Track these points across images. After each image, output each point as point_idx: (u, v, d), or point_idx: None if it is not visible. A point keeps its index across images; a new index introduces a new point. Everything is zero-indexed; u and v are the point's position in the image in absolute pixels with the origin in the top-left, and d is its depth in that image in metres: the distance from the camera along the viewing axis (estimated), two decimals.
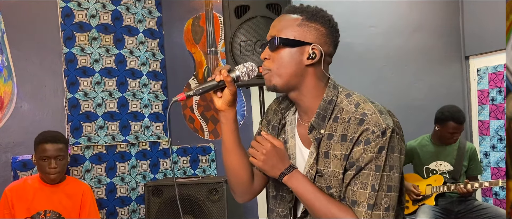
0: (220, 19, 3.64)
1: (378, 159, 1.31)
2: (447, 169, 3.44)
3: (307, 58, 1.39)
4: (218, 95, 1.47)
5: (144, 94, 3.50)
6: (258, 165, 1.42)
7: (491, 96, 3.96)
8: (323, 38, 1.41)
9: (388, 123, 1.33)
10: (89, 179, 3.29)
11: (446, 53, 4.17)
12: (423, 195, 3.43)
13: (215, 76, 1.44)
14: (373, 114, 1.34)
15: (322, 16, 1.42)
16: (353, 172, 1.34)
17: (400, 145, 1.36)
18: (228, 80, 1.42)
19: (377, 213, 1.32)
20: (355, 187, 1.34)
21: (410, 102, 4.02)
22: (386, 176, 1.32)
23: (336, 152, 1.37)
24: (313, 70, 1.41)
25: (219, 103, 1.48)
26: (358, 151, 1.32)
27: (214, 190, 2.92)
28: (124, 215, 3.40)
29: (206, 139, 3.64)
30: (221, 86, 1.44)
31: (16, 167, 3.05)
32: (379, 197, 1.32)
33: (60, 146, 2.74)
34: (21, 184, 2.79)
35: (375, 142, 1.31)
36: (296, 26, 1.40)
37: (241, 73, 1.45)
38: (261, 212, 3.62)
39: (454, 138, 3.39)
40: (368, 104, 1.37)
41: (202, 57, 3.66)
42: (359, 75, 3.91)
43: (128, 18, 3.46)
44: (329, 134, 1.39)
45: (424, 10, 4.13)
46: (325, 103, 1.41)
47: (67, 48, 3.26)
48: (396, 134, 1.34)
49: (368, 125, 1.32)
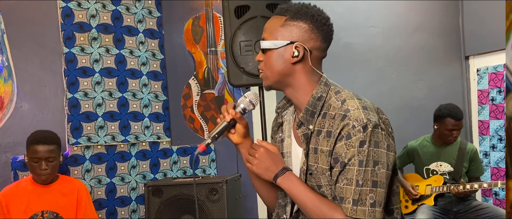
0: (220, 19, 3.64)
1: (361, 154, 1.32)
2: (448, 169, 3.44)
3: (291, 57, 1.42)
4: (231, 132, 1.53)
5: (144, 94, 3.50)
6: (252, 169, 1.48)
7: (491, 96, 3.96)
8: (306, 35, 1.43)
9: (370, 118, 1.34)
10: (89, 179, 3.29)
11: (446, 53, 4.17)
12: (423, 195, 3.44)
13: (224, 117, 1.50)
14: (356, 110, 1.35)
15: (305, 13, 1.43)
16: (339, 168, 1.35)
17: (387, 141, 1.36)
18: (238, 117, 1.49)
19: (362, 209, 1.32)
20: (342, 184, 1.35)
21: (410, 102, 4.02)
22: (370, 171, 1.32)
23: (323, 147, 1.39)
24: (301, 67, 1.44)
25: (235, 139, 1.54)
26: (341, 146, 1.34)
27: (214, 190, 2.92)
28: (124, 215, 3.40)
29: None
30: (233, 124, 1.51)
31: (16, 167, 3.05)
32: (363, 192, 1.32)
33: (51, 147, 2.70)
34: (14, 188, 2.75)
35: (356, 137, 1.32)
36: (279, 27, 1.44)
37: (246, 104, 1.51)
38: (261, 212, 3.62)
39: (453, 135, 3.38)
40: (353, 101, 1.39)
41: (202, 57, 3.66)
42: (359, 75, 3.91)
43: (128, 18, 3.46)
44: (318, 130, 1.41)
45: (424, 10, 4.13)
46: (314, 99, 1.43)
47: (67, 48, 3.26)
48: (380, 130, 1.34)
49: (349, 120, 1.33)
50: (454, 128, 3.35)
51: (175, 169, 3.58)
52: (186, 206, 2.94)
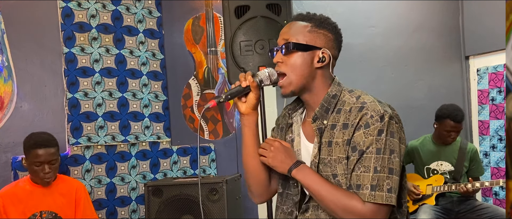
0: (220, 19, 3.64)
1: (379, 142, 1.39)
2: (448, 169, 3.44)
3: (317, 61, 1.51)
4: (242, 100, 1.57)
5: (144, 94, 3.50)
6: (268, 162, 1.54)
7: (491, 96, 3.96)
8: (330, 43, 1.54)
9: (386, 109, 1.43)
10: (89, 179, 3.29)
11: (446, 53, 4.17)
12: (424, 195, 3.44)
13: (241, 82, 1.54)
14: (373, 102, 1.44)
15: (329, 23, 1.55)
16: (356, 156, 1.41)
17: (400, 134, 1.44)
18: (254, 86, 1.53)
19: (380, 194, 1.37)
20: (359, 172, 1.40)
21: (410, 102, 4.02)
22: (387, 158, 1.39)
23: (338, 140, 1.45)
24: (321, 73, 1.53)
25: (243, 108, 1.58)
26: (359, 135, 1.41)
27: (214, 190, 2.92)
28: (124, 215, 3.40)
29: (206, 139, 3.64)
30: (247, 91, 1.55)
31: (16, 167, 3.05)
32: (381, 179, 1.38)
33: (52, 150, 2.69)
34: (12, 188, 2.74)
35: (374, 126, 1.39)
36: (306, 32, 1.52)
37: (264, 77, 1.54)
38: (261, 212, 3.62)
39: (451, 136, 3.39)
40: (368, 96, 1.49)
41: (202, 57, 3.66)
42: (359, 75, 3.91)
43: (128, 18, 3.46)
44: (332, 124, 1.48)
45: (424, 10, 4.13)
46: (329, 97, 1.52)
47: (67, 48, 3.26)
48: (394, 122, 1.43)
49: (367, 110, 1.41)
50: (453, 129, 3.36)
51: (175, 169, 3.57)
52: (186, 206, 2.93)
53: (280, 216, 1.62)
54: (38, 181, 2.72)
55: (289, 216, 1.58)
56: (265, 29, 2.48)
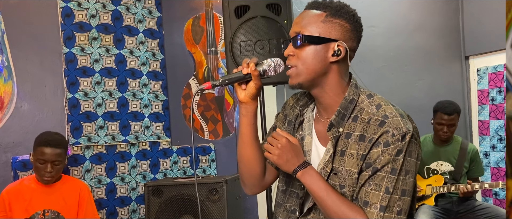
0: (220, 19, 3.64)
1: (395, 162, 1.31)
2: (448, 169, 3.44)
3: (332, 55, 1.38)
4: (242, 87, 1.46)
5: (144, 94, 3.50)
6: (273, 159, 1.41)
7: (491, 96, 3.96)
8: (347, 34, 1.40)
9: (408, 127, 1.33)
10: (89, 179, 3.29)
11: (446, 53, 4.17)
12: (423, 195, 3.44)
13: (242, 69, 1.43)
14: (394, 117, 1.33)
15: (347, 12, 1.41)
16: (369, 173, 1.33)
17: (417, 150, 1.36)
18: (255, 74, 1.41)
19: (389, 215, 1.31)
20: (369, 188, 1.33)
21: (410, 102, 4.01)
22: (401, 179, 1.32)
23: (352, 151, 1.36)
24: (337, 67, 1.40)
25: (242, 96, 1.46)
26: (376, 152, 1.32)
27: (214, 190, 2.92)
28: (124, 215, 3.40)
29: (206, 139, 3.64)
30: (247, 79, 1.44)
31: (16, 167, 3.05)
32: (392, 200, 1.31)
33: (59, 151, 2.71)
34: (18, 185, 2.78)
35: (394, 145, 1.30)
36: (320, 22, 1.38)
37: (268, 68, 1.43)
38: (261, 212, 3.62)
39: (443, 130, 3.37)
40: (389, 107, 1.37)
41: (202, 57, 3.66)
42: (359, 75, 3.89)
43: (128, 18, 3.46)
44: (347, 132, 1.38)
45: (424, 10, 4.13)
46: (346, 102, 1.40)
47: (67, 48, 3.26)
48: (414, 139, 1.35)
49: (388, 127, 1.31)
50: (444, 122, 3.35)
51: (175, 169, 3.57)
52: (186, 206, 2.94)
53: (283, 214, 1.54)
54: (40, 179, 2.74)
55: (292, 214, 1.51)
56: (265, 29, 2.48)
